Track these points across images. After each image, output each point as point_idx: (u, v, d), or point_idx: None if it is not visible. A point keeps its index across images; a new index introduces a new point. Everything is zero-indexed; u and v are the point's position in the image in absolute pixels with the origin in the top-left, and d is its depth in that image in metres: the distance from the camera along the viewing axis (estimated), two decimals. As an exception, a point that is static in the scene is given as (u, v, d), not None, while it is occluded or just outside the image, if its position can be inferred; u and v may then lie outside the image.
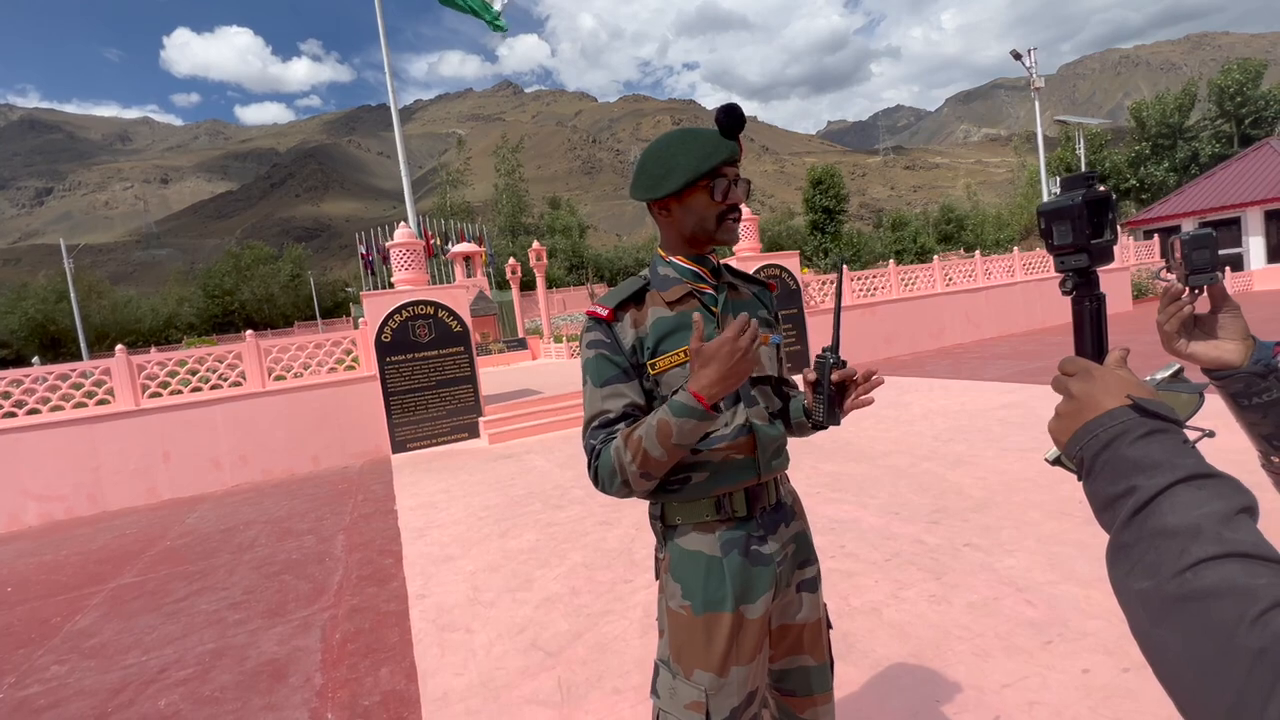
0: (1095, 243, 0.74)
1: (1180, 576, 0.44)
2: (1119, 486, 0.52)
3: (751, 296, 1.30)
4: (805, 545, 1.28)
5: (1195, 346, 0.83)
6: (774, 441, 1.22)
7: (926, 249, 38.92)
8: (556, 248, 40.88)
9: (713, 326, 1.19)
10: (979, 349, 11.73)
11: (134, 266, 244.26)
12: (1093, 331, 0.75)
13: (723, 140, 1.13)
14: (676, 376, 1.14)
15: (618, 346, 1.17)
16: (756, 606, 1.16)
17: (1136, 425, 0.55)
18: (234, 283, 49.33)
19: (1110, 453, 0.54)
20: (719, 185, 1.14)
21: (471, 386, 8.86)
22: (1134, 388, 0.59)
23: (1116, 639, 2.35)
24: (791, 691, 1.26)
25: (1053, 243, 0.77)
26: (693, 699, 1.12)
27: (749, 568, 1.16)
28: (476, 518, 5.03)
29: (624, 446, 1.09)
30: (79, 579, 4.83)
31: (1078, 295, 0.76)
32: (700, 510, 1.17)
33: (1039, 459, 4.64)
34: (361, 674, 2.87)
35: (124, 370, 7.52)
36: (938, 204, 48.65)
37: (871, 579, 3.11)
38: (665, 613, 1.20)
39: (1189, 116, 36.62)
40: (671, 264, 1.22)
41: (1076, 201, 0.74)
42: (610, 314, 1.17)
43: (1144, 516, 0.49)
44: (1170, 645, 0.43)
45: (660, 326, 1.17)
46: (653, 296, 1.20)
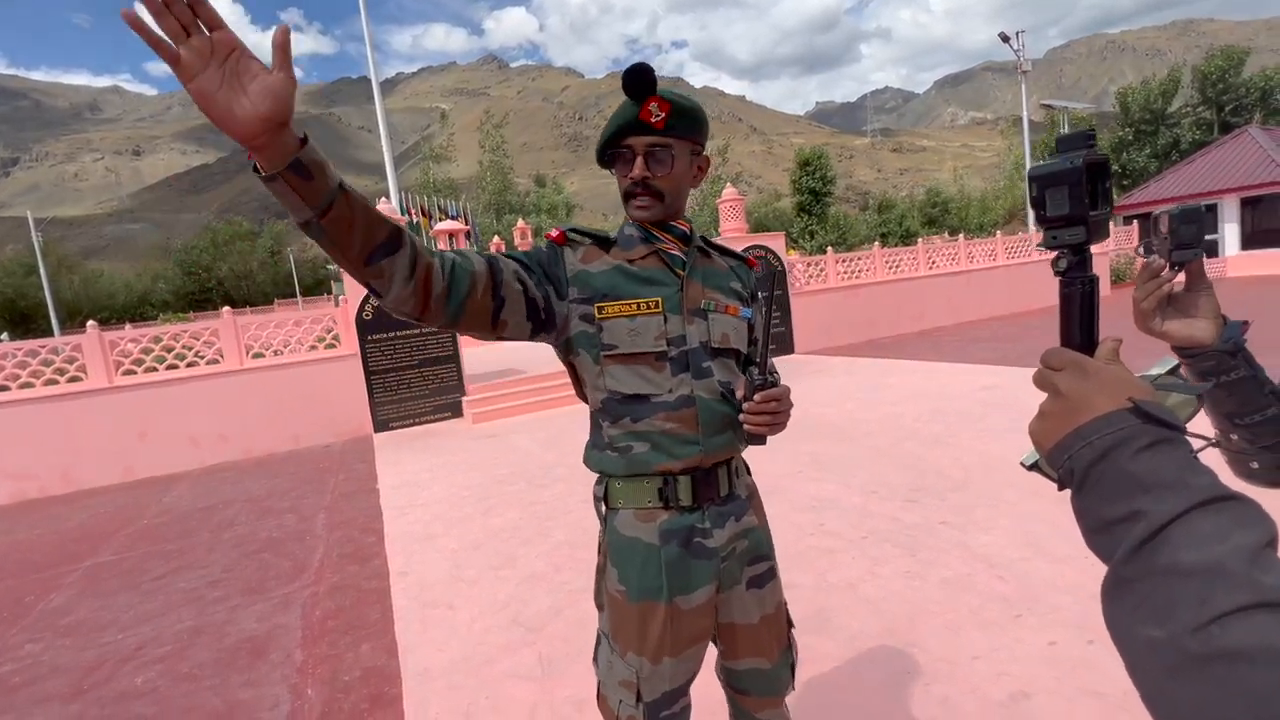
0: (1094, 215, 0.64)
1: (1204, 631, 0.37)
2: (1119, 509, 0.44)
3: (727, 269, 1.25)
4: (758, 542, 1.23)
5: (1170, 325, 0.83)
6: (719, 417, 1.14)
7: (911, 232, 39.11)
8: (542, 226, 40.43)
9: (675, 288, 1.14)
10: (960, 332, 11.86)
11: (107, 241, 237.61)
12: (1084, 319, 0.65)
13: (626, 106, 1.07)
14: (621, 327, 1.10)
15: (553, 259, 1.12)
16: (694, 598, 1.12)
17: (1139, 434, 0.46)
18: (211, 259, 48.18)
19: (1107, 465, 0.46)
20: (621, 158, 1.10)
21: (454, 365, 8.80)
22: (1135, 388, 0.51)
23: (1083, 613, 2.42)
24: (745, 691, 1.25)
25: (1045, 213, 0.67)
26: (625, 677, 1.12)
27: (688, 559, 1.12)
28: (459, 496, 5.03)
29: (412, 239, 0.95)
30: (53, 557, 4.76)
31: (1069, 276, 0.66)
32: (643, 494, 1.13)
33: (1016, 441, 4.73)
34: (342, 650, 2.87)
35: (96, 347, 7.34)
36: (924, 187, 48.83)
37: (849, 556, 3.17)
38: (604, 590, 1.18)
39: (1172, 103, 36.93)
40: (636, 226, 1.18)
41: (1077, 165, 0.63)
42: (560, 236, 1.14)
43: (1153, 549, 0.41)
44: (1188, 705, 0.37)
45: (616, 274, 1.13)
46: (617, 251, 1.17)
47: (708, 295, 1.18)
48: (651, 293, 1.12)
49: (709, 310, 1.16)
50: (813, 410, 6.55)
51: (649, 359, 1.11)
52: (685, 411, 1.11)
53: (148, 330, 7.89)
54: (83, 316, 28.81)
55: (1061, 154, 0.66)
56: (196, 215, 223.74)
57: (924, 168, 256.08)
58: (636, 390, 1.11)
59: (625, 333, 1.10)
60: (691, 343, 1.13)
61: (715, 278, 1.21)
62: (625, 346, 1.10)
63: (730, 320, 1.19)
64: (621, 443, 1.13)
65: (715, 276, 1.21)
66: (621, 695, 1.13)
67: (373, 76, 11.83)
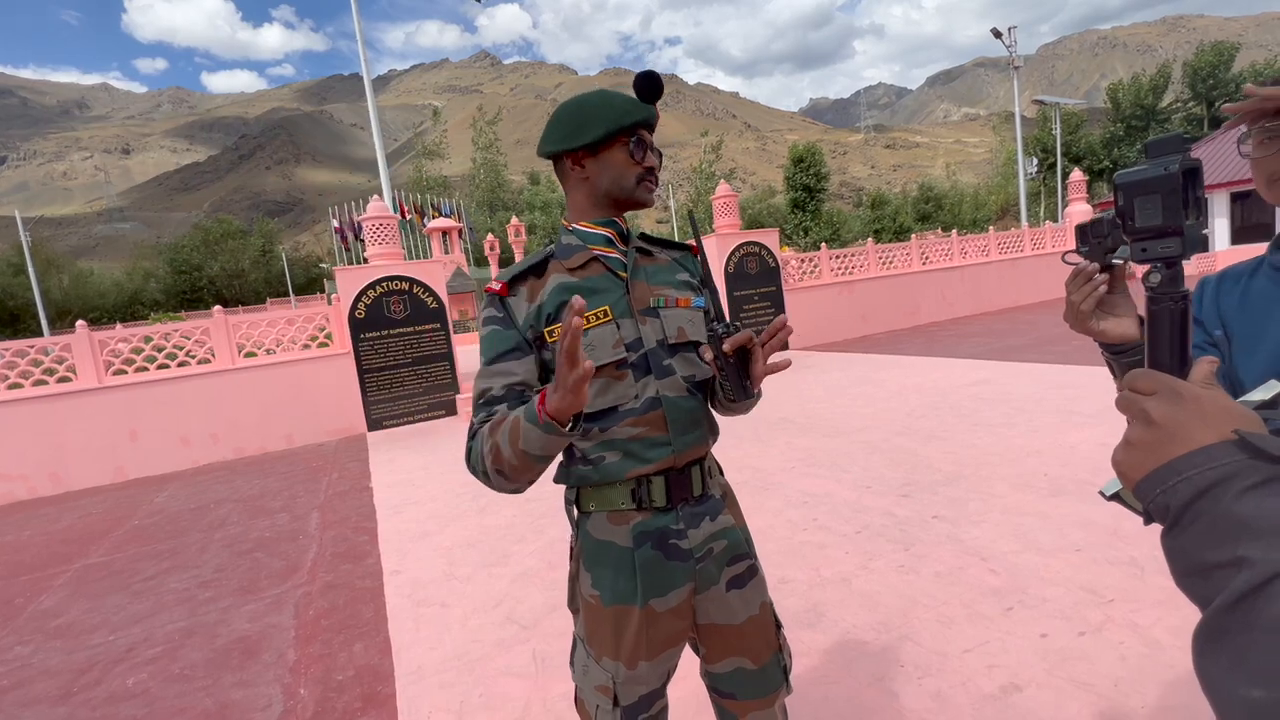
0: (1189, 225, 0.60)
1: None
2: (1222, 554, 0.40)
3: (670, 261, 1.23)
4: (737, 542, 1.20)
5: (1105, 324, 0.88)
6: (687, 414, 1.13)
7: (905, 228, 39.23)
8: (536, 223, 40.33)
9: (620, 292, 1.13)
10: (953, 327, 11.91)
11: (97, 240, 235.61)
12: (1175, 339, 0.60)
13: (642, 104, 1.11)
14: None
15: (510, 321, 1.11)
16: (669, 600, 1.11)
17: (1246, 470, 0.42)
18: (202, 258, 47.87)
19: (1209, 504, 0.42)
20: (637, 145, 1.11)
21: (448, 363, 8.77)
22: (1240, 417, 0.45)
23: (1074, 605, 2.44)
24: (730, 694, 1.22)
25: (1134, 224, 0.62)
26: (601, 682, 1.12)
27: (663, 562, 1.11)
28: (454, 494, 5.02)
29: (486, 435, 1.03)
30: (43, 559, 4.73)
31: (1159, 292, 0.61)
32: (615, 497, 1.12)
33: (1007, 435, 4.76)
34: (335, 649, 2.86)
35: (86, 346, 7.28)
36: (917, 183, 48.96)
37: (843, 550, 3.18)
38: (578, 596, 1.18)
39: (1162, 98, 37.16)
40: (575, 231, 1.16)
41: (1172, 171, 0.59)
42: (504, 288, 1.12)
43: (1260, 601, 0.37)
44: None
45: (561, 292, 1.11)
46: (555, 266, 1.14)
47: (655, 292, 1.16)
48: (597, 302, 1.11)
49: (659, 307, 1.15)
50: (806, 406, 6.57)
51: (609, 370, 1.10)
52: (653, 414, 1.11)
53: (138, 330, 7.83)
54: (72, 316, 28.58)
55: (1152, 159, 0.62)
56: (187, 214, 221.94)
57: (917, 164, 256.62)
58: (602, 406, 1.10)
59: (581, 349, 1.09)
60: (649, 343, 1.12)
61: (660, 274, 1.20)
62: None
63: (684, 313, 1.17)
64: (593, 454, 1.12)
65: (659, 273, 1.20)
66: (598, 700, 1.12)
67: (365, 73, 11.80)
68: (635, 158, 1.11)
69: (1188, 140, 0.61)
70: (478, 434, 1.06)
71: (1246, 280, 0.94)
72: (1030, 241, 14.84)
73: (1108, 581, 2.58)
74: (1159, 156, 0.61)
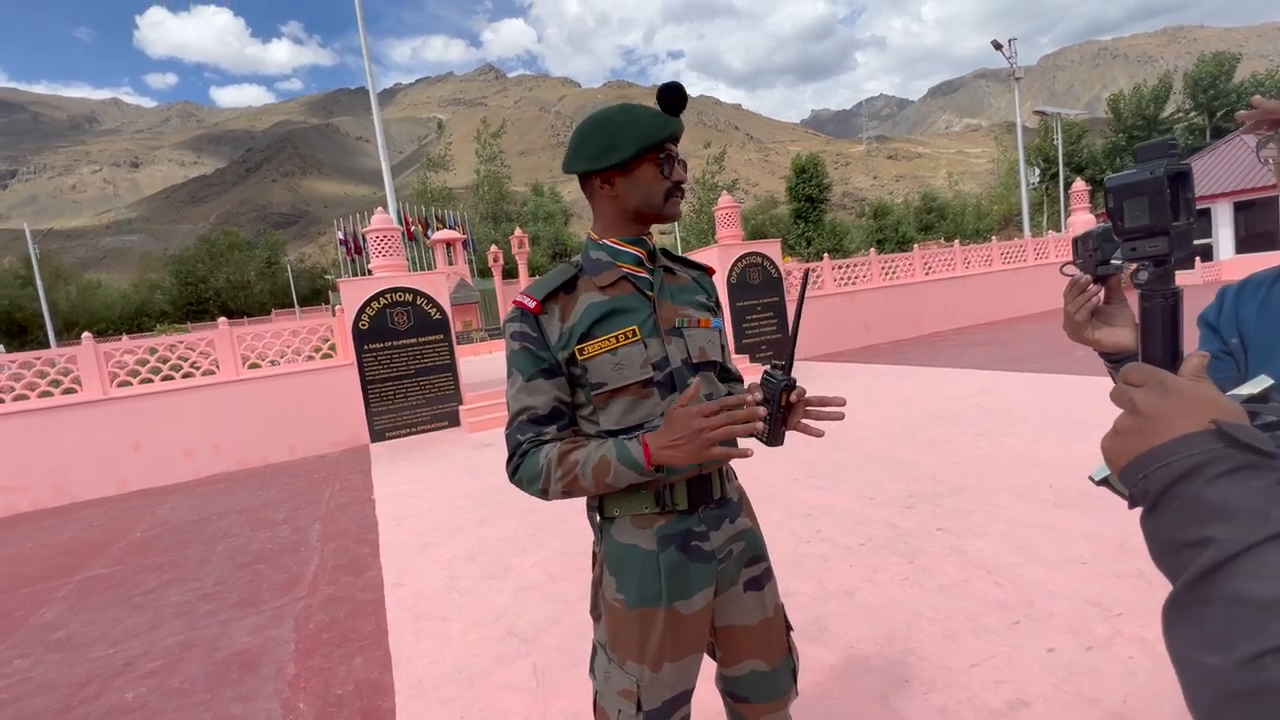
0: (1177, 225, 0.63)
1: (1257, 662, 0.36)
2: (1191, 534, 0.43)
3: (690, 281, 1.26)
4: (754, 543, 1.23)
5: (1100, 333, 0.89)
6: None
7: (907, 238, 39.25)
8: (539, 235, 40.50)
9: (648, 311, 1.14)
10: (956, 337, 11.88)
11: (104, 252, 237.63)
12: (1166, 334, 0.64)
13: (669, 117, 1.11)
14: (605, 363, 1.10)
15: (543, 341, 1.11)
16: (693, 602, 1.13)
17: (1220, 458, 0.44)
18: (208, 269, 48.18)
19: (1184, 488, 0.45)
20: (667, 160, 1.12)
21: (451, 375, 8.78)
22: (1220, 408, 0.48)
23: (1080, 619, 2.40)
24: (744, 698, 1.23)
25: (1123, 224, 0.66)
26: (625, 687, 1.12)
27: (687, 563, 1.13)
28: (455, 506, 5.00)
29: (557, 463, 1.06)
30: (45, 571, 4.72)
31: (1149, 289, 0.65)
32: (639, 503, 1.13)
33: (1011, 445, 4.73)
34: (335, 663, 2.84)
35: (91, 358, 7.32)
36: (919, 193, 49.06)
37: (846, 563, 3.15)
38: (601, 601, 1.18)
39: (1164, 108, 37.26)
40: (605, 246, 1.16)
41: (1157, 175, 0.63)
42: (539, 306, 1.12)
43: (1219, 577, 0.40)
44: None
45: (593, 312, 1.11)
46: (585, 282, 1.14)
47: (680, 312, 1.18)
48: (626, 321, 1.12)
49: (684, 327, 1.17)
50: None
51: (636, 388, 1.11)
52: None
53: (143, 341, 7.87)
54: (79, 328, 28.77)
55: (1141, 164, 0.66)
56: (194, 226, 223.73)
57: (919, 174, 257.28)
58: (630, 424, 1.12)
59: (610, 368, 1.10)
60: (674, 362, 1.14)
61: (683, 293, 1.22)
62: (613, 381, 1.10)
63: (704, 333, 1.20)
64: None
65: (683, 292, 1.22)
66: (621, 705, 1.12)
67: (370, 87, 11.96)
68: (665, 173, 1.12)
69: (1175, 146, 0.64)
70: (532, 454, 1.09)
71: (1267, 289, 0.93)
72: (1033, 251, 14.83)
73: (1115, 595, 2.54)
74: (1148, 161, 0.65)
